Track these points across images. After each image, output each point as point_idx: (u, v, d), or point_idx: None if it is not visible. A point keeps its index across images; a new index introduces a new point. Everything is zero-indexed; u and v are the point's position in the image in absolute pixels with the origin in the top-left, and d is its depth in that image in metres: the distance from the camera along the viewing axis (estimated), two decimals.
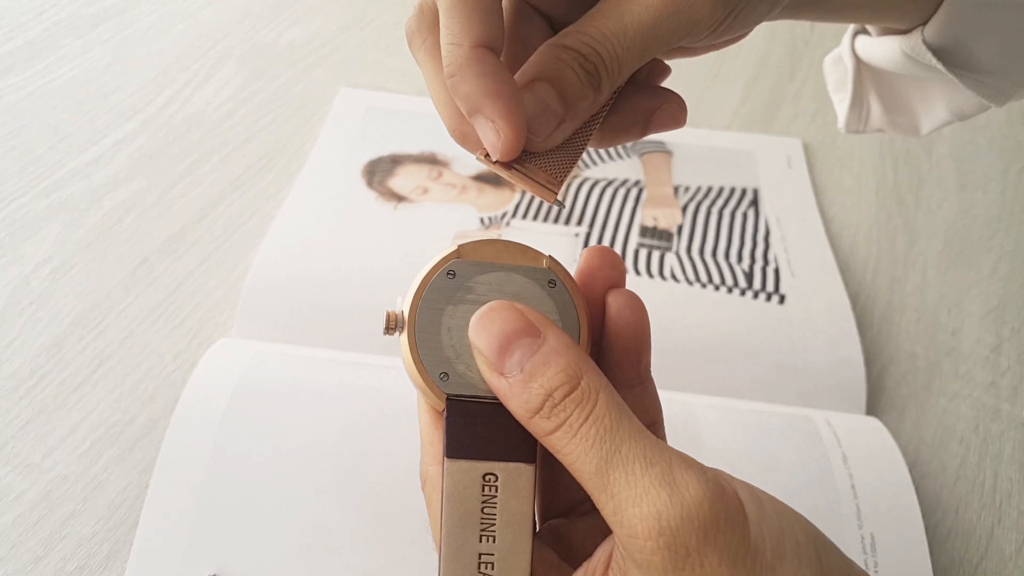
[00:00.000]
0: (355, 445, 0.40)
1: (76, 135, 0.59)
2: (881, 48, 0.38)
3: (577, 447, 0.23)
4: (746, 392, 0.47)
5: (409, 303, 0.26)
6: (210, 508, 0.37)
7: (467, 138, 0.27)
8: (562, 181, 0.27)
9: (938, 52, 0.35)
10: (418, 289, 0.26)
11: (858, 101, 0.43)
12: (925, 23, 0.35)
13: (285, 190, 0.56)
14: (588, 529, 0.28)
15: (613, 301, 0.28)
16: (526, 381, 0.24)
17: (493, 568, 0.24)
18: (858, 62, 0.41)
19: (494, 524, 0.25)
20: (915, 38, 0.35)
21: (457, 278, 0.27)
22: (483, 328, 0.25)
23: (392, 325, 0.26)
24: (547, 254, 0.28)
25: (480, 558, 0.24)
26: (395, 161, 0.59)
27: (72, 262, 0.50)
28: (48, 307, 0.47)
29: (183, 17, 0.72)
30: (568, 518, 0.29)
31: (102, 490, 0.40)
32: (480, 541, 0.24)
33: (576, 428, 0.23)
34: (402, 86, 0.67)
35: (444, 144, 0.60)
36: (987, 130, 0.68)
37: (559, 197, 0.27)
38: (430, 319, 0.26)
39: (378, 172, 0.58)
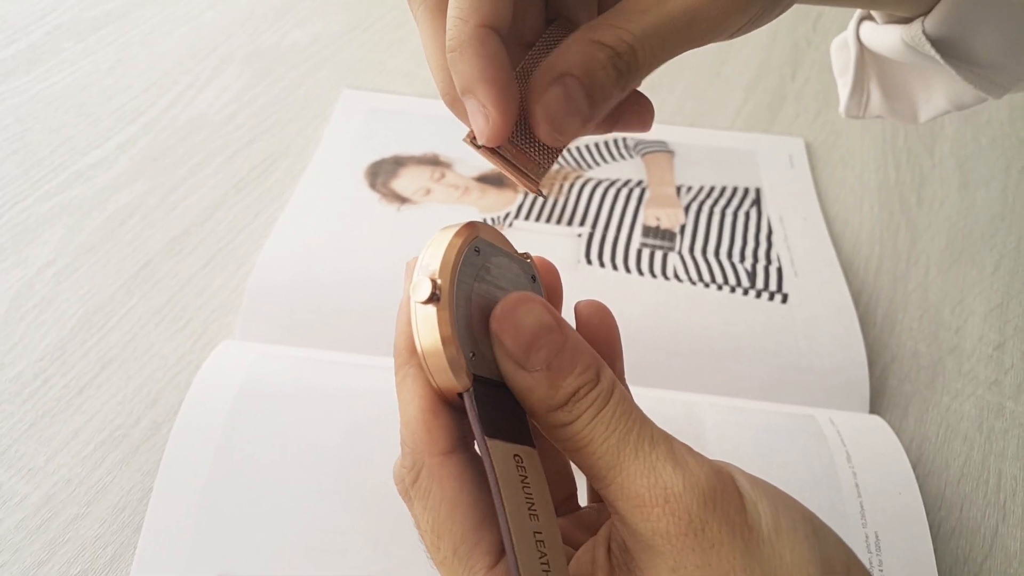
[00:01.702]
0: (359, 447, 0.40)
1: (79, 138, 0.59)
2: (883, 36, 0.38)
3: (590, 433, 0.24)
4: (749, 391, 0.47)
5: (448, 274, 0.24)
6: (214, 511, 0.37)
7: (456, 105, 0.27)
8: (545, 172, 0.27)
9: (938, 43, 0.35)
10: (453, 262, 0.24)
11: (859, 86, 0.43)
12: (927, 13, 0.35)
13: (288, 192, 0.56)
14: (573, 525, 0.29)
15: (583, 310, 0.29)
16: (554, 379, 0.24)
17: (544, 545, 0.23)
18: (861, 48, 0.41)
19: (534, 503, 0.24)
20: (916, 28, 0.35)
21: (481, 255, 0.26)
22: (510, 321, 0.24)
23: (434, 293, 0.24)
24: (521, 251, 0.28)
25: (535, 536, 0.23)
26: (398, 163, 0.59)
27: (75, 265, 0.50)
28: (51, 310, 0.47)
29: (185, 20, 0.72)
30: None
31: (106, 493, 0.40)
32: (530, 520, 0.23)
33: (592, 418, 0.24)
34: (405, 88, 0.67)
35: (447, 145, 0.60)
36: (989, 128, 0.68)
37: (541, 188, 0.27)
38: (461, 295, 0.24)
39: (381, 173, 0.58)
